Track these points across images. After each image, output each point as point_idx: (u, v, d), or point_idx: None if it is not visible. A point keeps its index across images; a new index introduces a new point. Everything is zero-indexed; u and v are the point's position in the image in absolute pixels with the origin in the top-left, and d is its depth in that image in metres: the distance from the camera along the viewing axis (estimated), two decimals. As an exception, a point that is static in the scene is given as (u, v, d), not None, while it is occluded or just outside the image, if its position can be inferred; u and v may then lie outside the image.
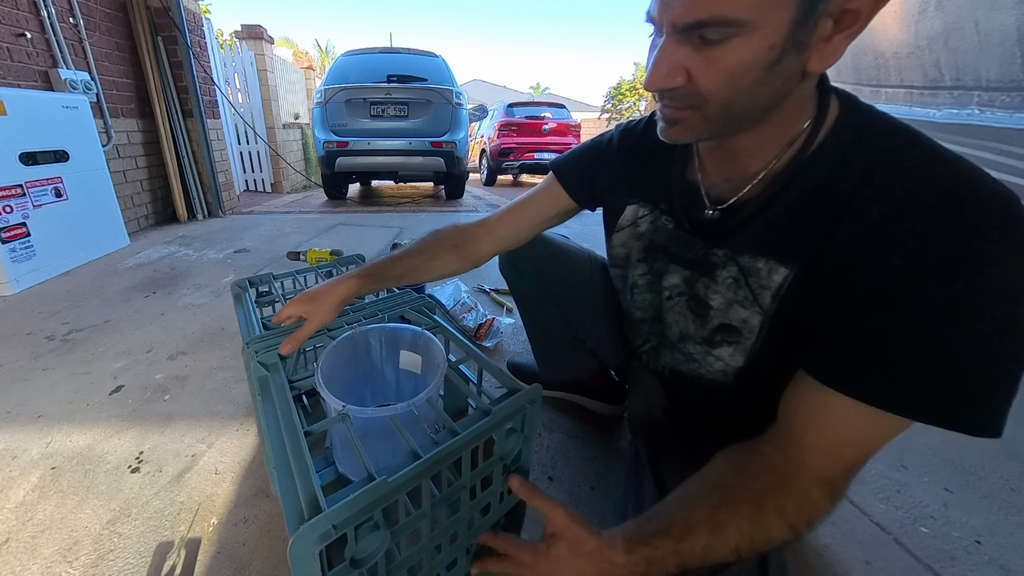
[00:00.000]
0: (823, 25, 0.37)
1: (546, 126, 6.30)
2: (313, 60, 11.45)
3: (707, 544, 0.42)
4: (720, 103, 0.42)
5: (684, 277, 0.59)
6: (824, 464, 0.44)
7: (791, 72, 0.40)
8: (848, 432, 0.43)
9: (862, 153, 0.43)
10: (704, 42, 0.39)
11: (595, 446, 1.00)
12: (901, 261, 0.39)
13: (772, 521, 0.43)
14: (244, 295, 0.92)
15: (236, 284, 0.96)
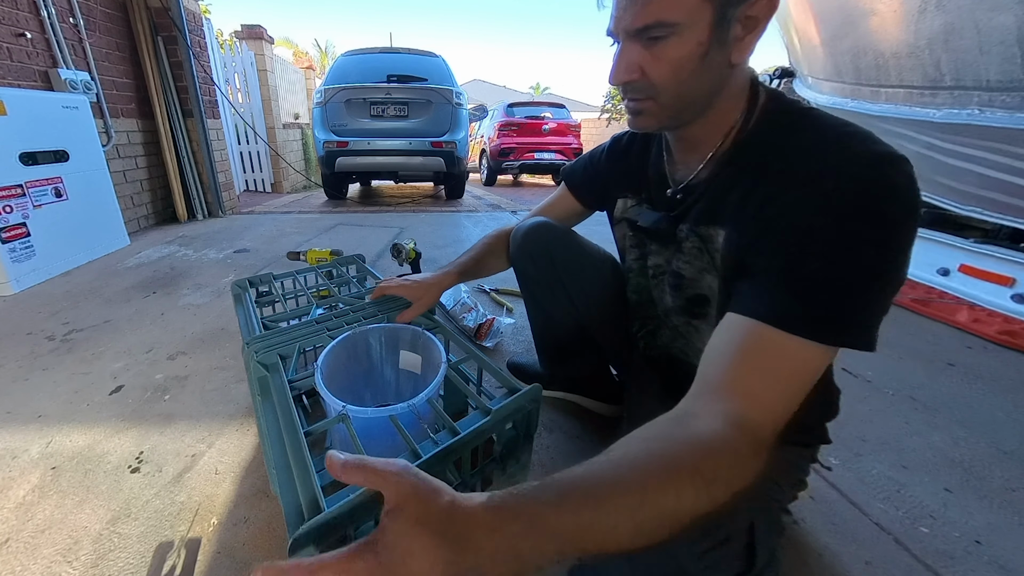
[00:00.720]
0: (735, 28, 0.49)
1: (546, 126, 6.30)
2: (313, 60, 11.45)
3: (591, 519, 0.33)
4: (670, 91, 0.53)
5: (664, 256, 0.68)
6: (751, 406, 0.42)
7: (720, 64, 0.51)
8: (772, 363, 0.44)
9: (777, 135, 0.53)
10: (651, 42, 0.50)
11: (595, 446, 1.00)
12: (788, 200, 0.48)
13: (679, 481, 0.36)
14: (244, 295, 0.92)
15: (236, 284, 0.96)
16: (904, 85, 1.67)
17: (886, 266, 0.44)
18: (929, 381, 1.29)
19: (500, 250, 0.97)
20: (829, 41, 1.97)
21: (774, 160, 0.51)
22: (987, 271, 1.73)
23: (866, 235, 0.43)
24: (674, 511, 0.35)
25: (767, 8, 0.48)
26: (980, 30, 1.31)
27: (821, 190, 0.46)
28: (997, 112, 1.40)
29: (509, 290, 1.92)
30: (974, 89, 1.43)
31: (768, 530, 0.53)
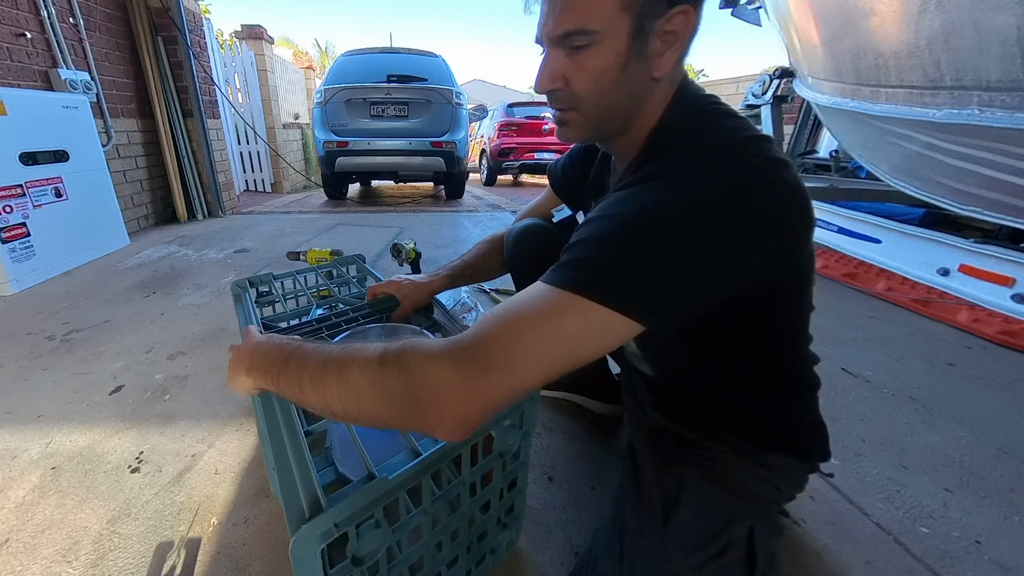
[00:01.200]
0: (654, 42, 0.49)
1: (546, 126, 6.29)
2: (313, 60, 11.45)
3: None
4: (592, 101, 0.53)
5: None
6: (465, 332, 0.43)
7: (641, 76, 0.51)
8: (503, 304, 0.45)
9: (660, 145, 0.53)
10: (573, 50, 0.50)
11: (595, 446, 1.00)
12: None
13: (372, 345, 0.45)
14: (244, 295, 0.92)
15: (236, 284, 0.96)
16: (904, 85, 1.67)
17: (657, 240, 0.42)
18: (929, 381, 1.29)
19: (494, 255, 0.97)
20: (829, 41, 1.96)
21: (647, 166, 0.52)
22: (987, 271, 1.72)
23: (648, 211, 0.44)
24: (348, 365, 0.44)
25: (684, 25, 0.48)
26: (980, 30, 1.31)
27: (648, 184, 0.47)
28: (997, 112, 1.40)
29: (509, 290, 1.92)
30: (974, 89, 1.43)
31: (767, 534, 0.53)
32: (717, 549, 0.50)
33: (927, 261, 1.93)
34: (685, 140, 0.50)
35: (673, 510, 0.53)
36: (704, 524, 0.52)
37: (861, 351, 1.44)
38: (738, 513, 0.53)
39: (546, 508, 0.83)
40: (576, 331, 0.42)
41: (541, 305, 0.42)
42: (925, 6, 1.43)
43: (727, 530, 0.51)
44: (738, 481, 0.57)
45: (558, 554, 0.74)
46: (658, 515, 0.54)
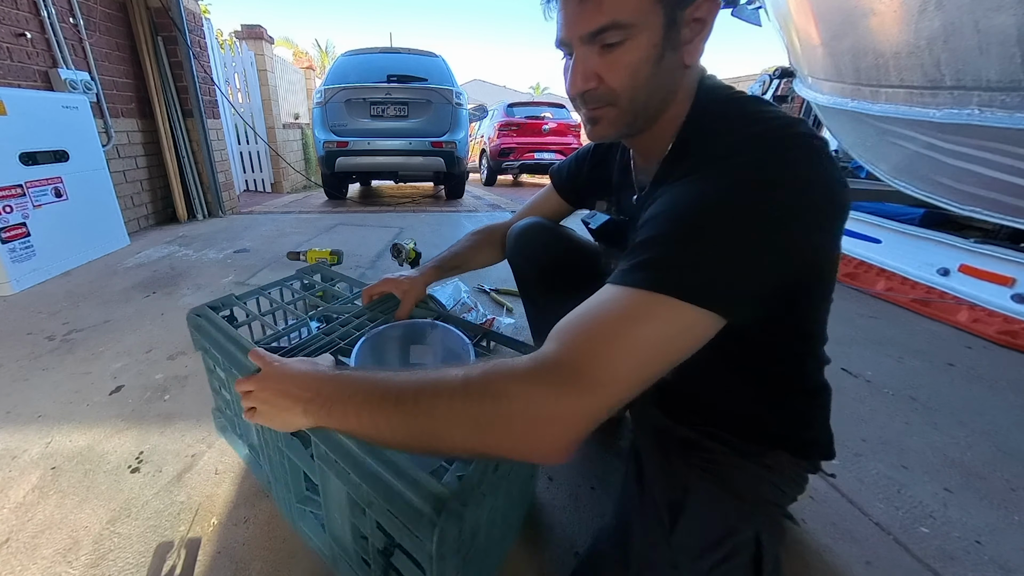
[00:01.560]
0: (684, 31, 0.49)
1: (546, 126, 6.30)
2: (313, 60, 11.45)
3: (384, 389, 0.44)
4: (628, 96, 0.52)
5: (616, 256, 0.68)
6: (556, 346, 0.42)
7: (674, 65, 0.51)
8: (583, 310, 0.45)
9: (698, 133, 0.53)
10: (606, 48, 0.49)
11: (595, 446, 1.00)
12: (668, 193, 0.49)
13: (452, 372, 0.43)
14: (207, 323, 0.83)
15: (194, 312, 0.85)
16: (904, 85, 1.67)
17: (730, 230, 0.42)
18: (929, 381, 1.29)
19: (483, 245, 0.98)
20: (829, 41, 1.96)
21: (685, 156, 0.52)
22: (987, 271, 1.72)
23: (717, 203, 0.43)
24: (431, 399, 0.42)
25: (710, 10, 0.49)
26: (980, 30, 1.31)
27: (698, 178, 0.47)
28: (997, 112, 1.39)
29: (509, 290, 1.92)
30: (974, 89, 1.43)
31: (772, 539, 0.53)
32: (724, 553, 0.49)
33: (927, 261, 1.93)
34: (729, 127, 0.49)
35: (679, 514, 0.53)
36: (711, 529, 0.51)
37: (861, 351, 1.44)
38: (744, 518, 0.53)
39: (546, 508, 0.83)
40: (662, 333, 0.41)
41: (622, 310, 0.41)
42: (925, 6, 1.43)
43: (734, 535, 0.51)
44: (743, 484, 0.57)
45: (558, 554, 0.74)
46: (664, 518, 0.53)
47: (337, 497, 0.56)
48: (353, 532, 0.57)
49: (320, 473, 0.56)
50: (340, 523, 0.59)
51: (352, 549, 0.59)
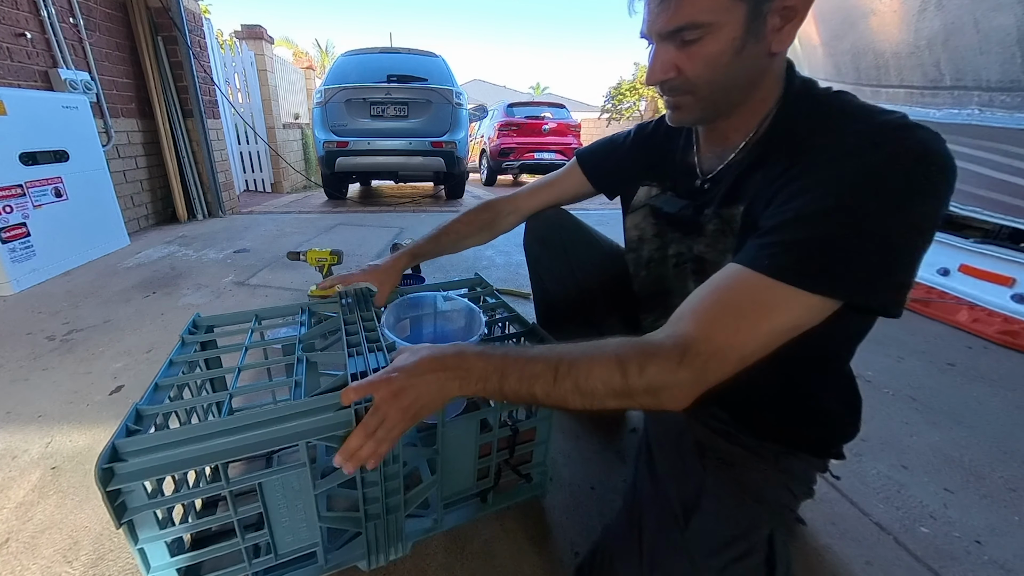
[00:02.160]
0: (772, 20, 0.49)
1: (546, 126, 6.30)
2: (313, 60, 11.45)
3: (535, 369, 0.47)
4: (707, 85, 0.54)
5: (686, 243, 0.68)
6: (691, 326, 0.45)
7: (757, 55, 0.51)
8: (721, 294, 0.46)
9: (806, 119, 0.53)
10: (684, 43, 0.51)
11: (595, 446, 1.00)
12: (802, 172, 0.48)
13: (601, 358, 0.46)
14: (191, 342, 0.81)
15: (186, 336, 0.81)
16: (904, 85, 1.67)
17: (879, 224, 0.42)
18: (929, 381, 1.29)
19: (471, 231, 0.96)
20: (829, 41, 1.97)
21: (801, 143, 0.51)
22: (987, 271, 1.72)
23: (864, 197, 0.43)
24: (587, 376, 0.46)
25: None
26: (980, 30, 1.31)
27: (836, 162, 0.46)
28: (997, 112, 1.40)
29: (510, 290, 1.92)
30: (974, 89, 1.43)
31: (785, 539, 0.53)
32: (739, 552, 0.49)
33: (927, 261, 1.92)
34: (841, 116, 0.49)
35: (693, 512, 0.53)
36: (726, 528, 0.52)
37: (861, 351, 1.43)
38: (759, 518, 0.53)
39: (546, 508, 0.83)
40: (789, 322, 0.44)
41: (759, 300, 0.44)
42: (925, 6, 1.43)
43: (748, 535, 0.51)
44: (758, 485, 0.57)
45: (558, 554, 0.74)
46: (678, 516, 0.53)
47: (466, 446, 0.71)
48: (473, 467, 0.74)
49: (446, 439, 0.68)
50: (465, 466, 0.73)
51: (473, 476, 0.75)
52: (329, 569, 0.67)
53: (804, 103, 0.54)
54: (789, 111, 0.55)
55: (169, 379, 0.69)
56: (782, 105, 0.56)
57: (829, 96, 0.54)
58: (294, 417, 0.56)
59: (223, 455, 0.53)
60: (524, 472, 0.79)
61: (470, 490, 0.76)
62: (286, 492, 0.60)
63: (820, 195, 0.45)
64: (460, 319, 0.90)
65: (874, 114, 0.48)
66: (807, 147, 0.50)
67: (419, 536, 0.74)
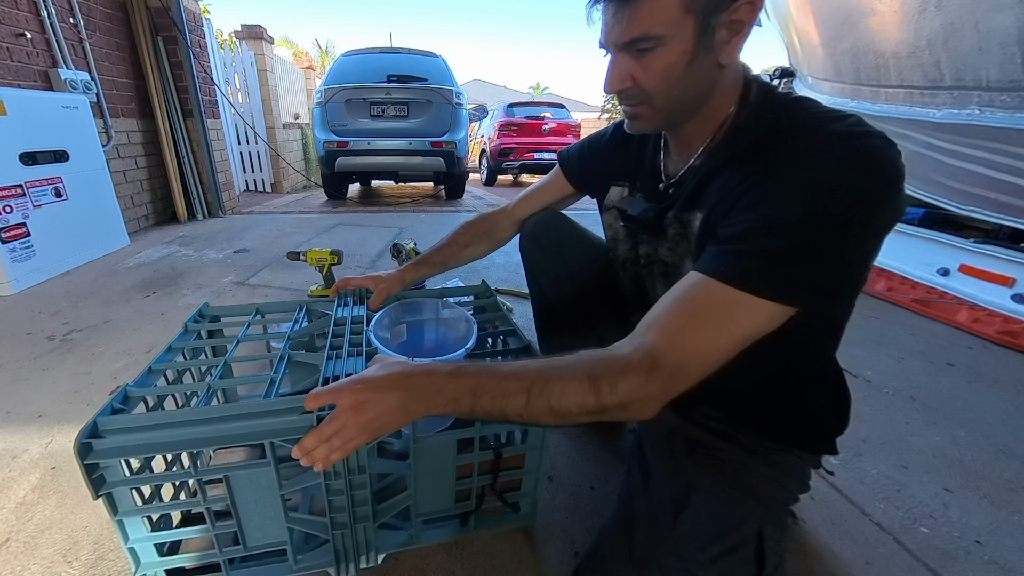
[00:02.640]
0: (720, 33, 0.51)
1: (546, 126, 6.30)
2: (313, 60, 11.45)
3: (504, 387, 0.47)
4: (661, 96, 0.56)
5: (652, 245, 0.71)
6: (655, 337, 0.47)
7: (708, 66, 0.54)
8: (683, 304, 0.48)
9: (762, 127, 0.55)
10: (639, 53, 0.53)
11: (595, 446, 1.00)
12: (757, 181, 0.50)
13: (572, 376, 0.47)
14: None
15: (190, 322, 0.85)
16: (904, 85, 1.67)
17: (834, 235, 0.45)
18: (929, 381, 1.29)
19: (474, 238, 0.98)
20: (829, 41, 1.97)
21: (759, 150, 0.53)
22: (987, 271, 1.72)
23: (820, 209, 0.45)
24: (559, 397, 0.46)
25: (750, 12, 0.51)
26: (980, 30, 1.31)
27: (793, 176, 0.48)
28: (997, 112, 1.40)
29: (509, 290, 1.92)
30: (974, 89, 1.43)
31: (776, 535, 0.53)
32: (728, 546, 0.50)
33: (927, 261, 1.93)
34: (805, 127, 0.51)
35: (683, 507, 0.53)
36: (715, 523, 0.52)
37: (861, 351, 1.44)
38: (748, 514, 0.53)
39: (546, 508, 0.83)
40: (751, 329, 0.46)
41: (721, 309, 0.46)
42: (925, 6, 1.43)
43: (738, 529, 0.51)
44: (748, 481, 0.58)
45: (558, 554, 0.74)
46: (668, 511, 0.54)
47: (442, 465, 0.69)
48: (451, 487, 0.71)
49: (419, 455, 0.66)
50: (442, 484, 0.71)
51: (452, 496, 0.72)
52: (299, 570, 0.67)
53: (763, 112, 0.56)
54: (748, 120, 0.57)
55: (163, 364, 0.72)
56: (740, 113, 0.58)
57: (787, 104, 0.56)
58: (259, 416, 0.57)
59: (188, 444, 0.55)
60: (511, 500, 0.76)
61: (449, 510, 0.74)
62: (255, 488, 0.61)
63: (779, 208, 0.47)
64: (459, 327, 0.90)
65: (828, 121, 0.50)
66: (765, 157, 0.51)
67: (393, 548, 0.72)
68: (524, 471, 0.75)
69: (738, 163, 0.55)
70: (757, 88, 0.58)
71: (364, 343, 0.72)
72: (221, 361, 0.74)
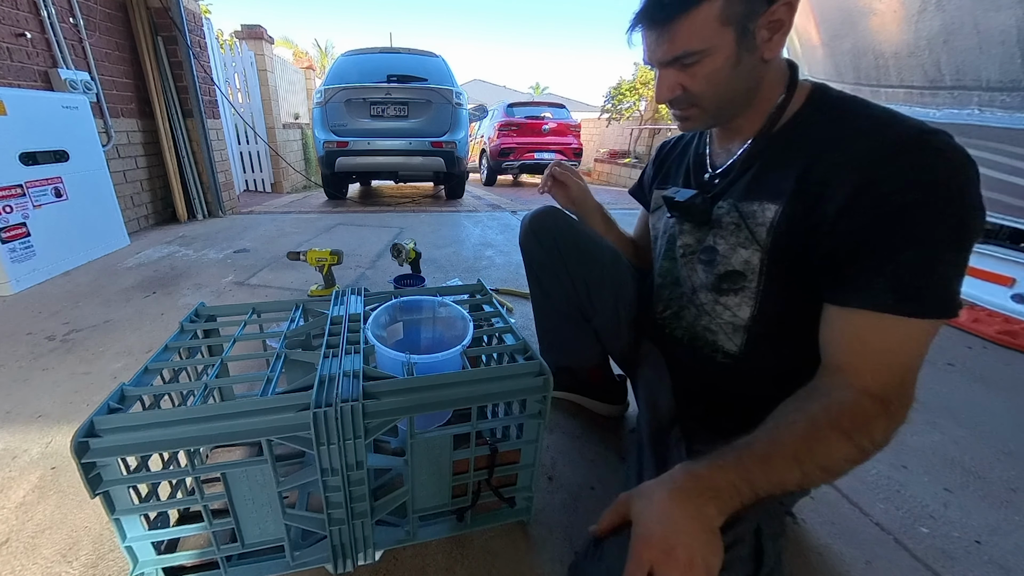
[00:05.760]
0: (760, 33, 0.54)
1: (546, 126, 6.30)
2: (313, 60, 11.44)
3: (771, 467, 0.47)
4: (710, 98, 0.59)
5: (696, 235, 0.71)
6: (870, 381, 0.49)
7: (753, 64, 0.56)
8: (875, 343, 0.50)
9: (827, 117, 0.57)
10: (684, 66, 0.57)
11: (595, 446, 1.00)
12: (853, 182, 0.51)
13: (827, 435, 0.47)
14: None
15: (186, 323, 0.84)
16: (904, 85, 1.67)
17: (956, 236, 0.47)
18: (929, 381, 1.29)
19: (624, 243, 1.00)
20: (829, 41, 1.97)
21: (828, 142, 0.54)
22: (987, 271, 1.72)
23: (935, 213, 0.47)
24: (827, 458, 0.47)
25: (788, 11, 0.53)
26: (980, 30, 1.31)
27: (888, 176, 0.49)
28: (997, 112, 1.40)
29: (509, 290, 1.92)
30: (974, 89, 1.43)
31: (774, 533, 0.53)
32: (726, 542, 0.49)
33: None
34: (871, 124, 0.53)
35: None
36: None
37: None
38: (745, 511, 0.53)
39: (546, 508, 0.83)
40: (929, 344, 0.50)
41: (913, 345, 0.50)
42: (925, 6, 1.43)
43: (734, 527, 0.50)
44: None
45: (558, 554, 0.74)
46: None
47: (439, 461, 0.69)
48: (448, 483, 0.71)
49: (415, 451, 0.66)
50: (438, 480, 0.71)
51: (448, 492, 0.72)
52: (296, 567, 0.67)
53: (819, 103, 0.58)
54: (805, 108, 0.59)
55: (160, 363, 0.72)
56: (787, 99, 0.59)
57: (846, 99, 0.57)
58: (256, 413, 0.57)
59: (185, 442, 0.55)
60: (507, 496, 0.76)
61: (446, 506, 0.74)
62: (251, 485, 0.61)
63: (900, 227, 0.48)
64: (455, 325, 0.90)
65: (900, 124, 0.51)
66: (843, 152, 0.53)
67: (390, 545, 0.72)
68: (520, 466, 0.75)
69: (811, 156, 0.56)
70: (812, 86, 0.60)
71: (361, 341, 0.72)
72: (217, 360, 0.74)
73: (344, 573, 0.69)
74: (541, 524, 0.80)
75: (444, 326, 0.93)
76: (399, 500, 0.69)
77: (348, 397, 0.59)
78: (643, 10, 0.57)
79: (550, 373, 0.68)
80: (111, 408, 0.59)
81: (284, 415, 0.57)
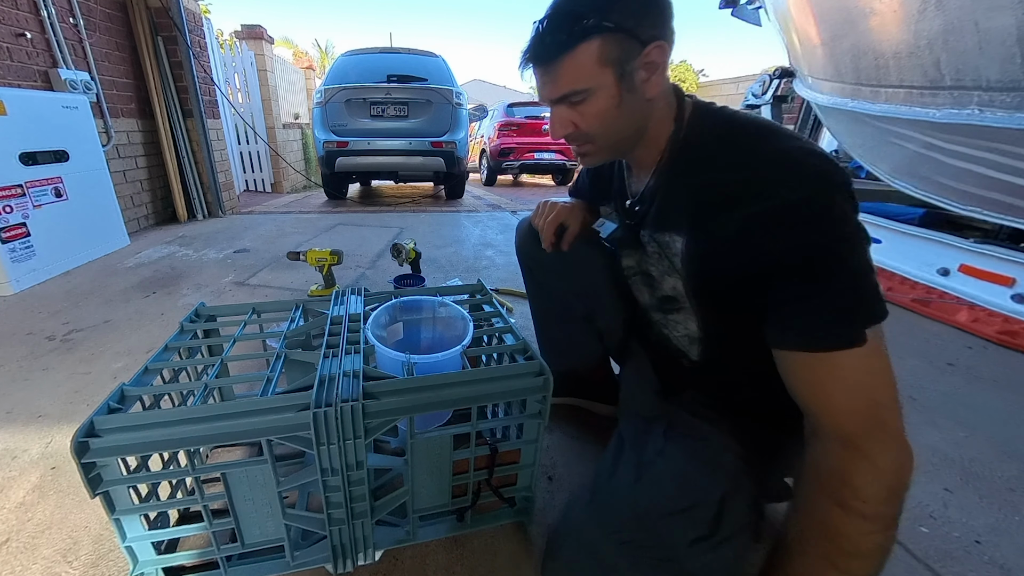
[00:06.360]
0: (639, 74, 0.57)
1: (546, 126, 6.28)
2: (313, 60, 11.45)
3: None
4: (601, 135, 0.62)
5: (634, 259, 0.75)
6: (840, 421, 0.49)
7: (637, 103, 0.59)
8: (826, 382, 0.50)
9: (706, 144, 0.60)
10: (572, 104, 0.59)
11: (595, 446, 1.00)
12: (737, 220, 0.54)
13: (820, 509, 0.49)
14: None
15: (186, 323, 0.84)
16: (904, 85, 1.67)
17: (858, 255, 0.50)
18: (929, 381, 1.29)
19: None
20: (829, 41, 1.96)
21: (712, 170, 0.58)
22: (987, 271, 1.72)
23: (836, 240, 0.49)
24: (855, 545, 0.48)
25: (661, 54, 0.56)
26: (980, 30, 1.31)
27: (774, 206, 0.51)
28: (997, 112, 1.39)
29: (509, 290, 1.92)
30: (974, 89, 1.43)
31: (742, 508, 0.54)
32: (683, 506, 0.52)
33: (927, 261, 1.93)
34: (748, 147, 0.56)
35: (648, 469, 0.58)
36: (676, 483, 0.55)
37: (861, 351, 1.44)
38: (713, 482, 0.55)
39: (546, 508, 0.83)
40: (884, 361, 0.50)
41: (874, 371, 0.49)
42: (925, 6, 1.43)
43: (697, 493, 0.54)
44: (715, 452, 0.60)
45: (558, 554, 0.74)
46: (631, 473, 0.58)
47: (439, 461, 0.69)
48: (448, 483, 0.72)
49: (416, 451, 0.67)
50: (438, 480, 0.71)
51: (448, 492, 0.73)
52: (296, 567, 0.67)
53: (700, 128, 0.62)
54: (688, 136, 0.62)
55: (160, 363, 0.72)
56: (678, 129, 0.62)
57: (723, 119, 0.61)
58: (256, 413, 0.57)
59: (185, 442, 0.55)
60: (507, 496, 0.76)
61: (446, 506, 0.74)
62: (252, 485, 0.61)
63: (805, 259, 0.50)
64: (455, 325, 0.90)
65: (776, 146, 0.54)
66: (726, 182, 0.56)
67: (390, 545, 0.72)
68: (520, 466, 0.75)
69: (693, 176, 0.60)
70: (691, 105, 0.63)
71: (361, 341, 0.72)
72: (217, 360, 0.74)
73: (344, 573, 0.69)
74: (541, 524, 0.80)
75: (444, 326, 0.93)
76: (399, 500, 0.69)
77: (348, 397, 0.59)
78: (529, 49, 0.59)
79: (550, 373, 0.68)
80: (111, 408, 0.59)
81: (284, 415, 0.57)
